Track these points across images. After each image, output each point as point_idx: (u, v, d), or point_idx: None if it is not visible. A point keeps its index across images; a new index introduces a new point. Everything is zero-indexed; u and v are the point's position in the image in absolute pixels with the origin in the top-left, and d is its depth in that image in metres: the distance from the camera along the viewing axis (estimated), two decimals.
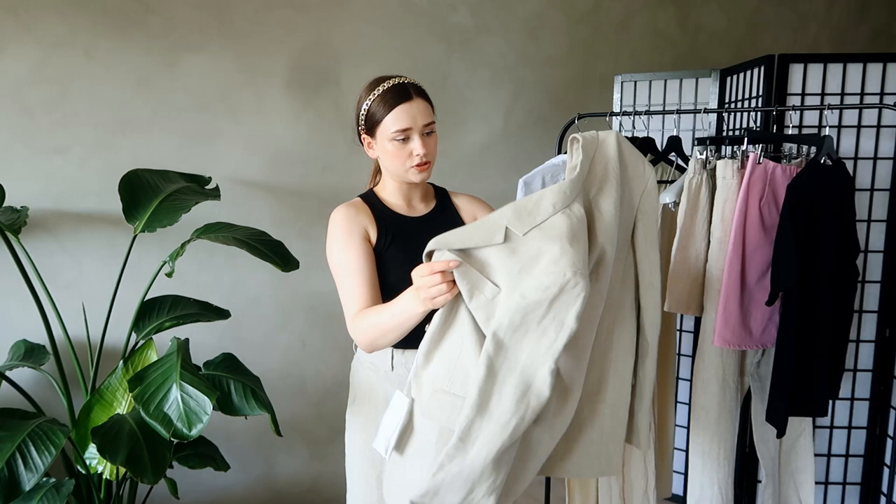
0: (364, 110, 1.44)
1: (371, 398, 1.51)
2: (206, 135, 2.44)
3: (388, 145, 1.42)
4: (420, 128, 1.41)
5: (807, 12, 2.84)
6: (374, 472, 1.49)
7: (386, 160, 1.46)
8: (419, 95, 1.43)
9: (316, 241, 2.55)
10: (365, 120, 1.45)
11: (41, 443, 1.56)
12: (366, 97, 1.44)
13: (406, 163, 1.43)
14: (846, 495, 2.29)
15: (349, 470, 1.55)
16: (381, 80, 1.44)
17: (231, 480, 2.59)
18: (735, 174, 1.72)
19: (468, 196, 1.61)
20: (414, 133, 1.41)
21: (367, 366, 1.52)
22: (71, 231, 2.37)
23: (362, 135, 1.48)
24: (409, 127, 1.40)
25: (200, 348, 2.13)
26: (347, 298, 1.42)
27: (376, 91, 1.42)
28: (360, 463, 1.51)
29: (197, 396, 1.57)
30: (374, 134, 1.44)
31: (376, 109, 1.42)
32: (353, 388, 1.56)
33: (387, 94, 1.41)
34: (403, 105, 1.40)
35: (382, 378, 1.49)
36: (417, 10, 2.54)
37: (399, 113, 1.39)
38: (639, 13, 2.71)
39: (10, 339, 2.28)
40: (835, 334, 1.72)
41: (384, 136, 1.42)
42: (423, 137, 1.42)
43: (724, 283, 1.69)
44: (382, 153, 1.45)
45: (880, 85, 2.11)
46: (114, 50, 2.32)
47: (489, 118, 2.64)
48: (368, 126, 1.45)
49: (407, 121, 1.40)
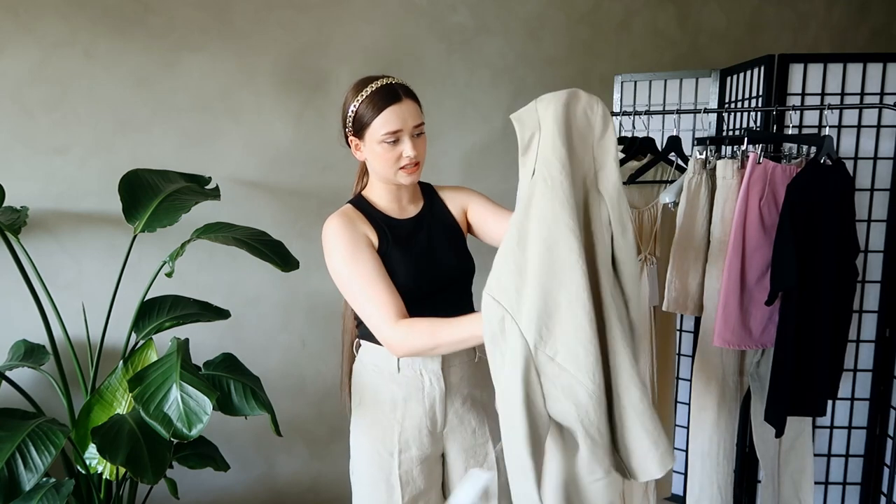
0: (351, 112, 1.41)
1: (377, 400, 1.49)
2: (206, 135, 2.43)
3: (378, 148, 1.39)
4: (410, 129, 1.39)
5: (807, 12, 2.84)
6: (381, 474, 1.47)
7: (375, 163, 1.43)
8: (408, 96, 1.40)
9: (316, 241, 2.52)
10: (353, 122, 1.42)
11: (41, 443, 1.56)
12: (353, 99, 1.41)
13: (395, 165, 1.41)
14: (846, 495, 2.29)
15: (356, 473, 1.53)
16: (369, 81, 1.41)
17: (231, 480, 2.59)
18: (735, 174, 1.72)
19: (452, 188, 1.60)
20: (404, 135, 1.39)
21: (370, 368, 1.51)
22: (71, 231, 2.37)
23: (349, 136, 1.46)
24: (399, 129, 1.38)
25: (200, 348, 2.13)
26: (375, 306, 1.37)
27: (364, 93, 1.39)
28: (368, 466, 1.49)
29: (197, 396, 1.57)
30: (362, 136, 1.42)
31: (364, 112, 1.39)
32: (358, 392, 1.54)
33: (375, 95, 1.38)
34: (393, 107, 1.37)
35: (388, 380, 1.48)
36: (417, 10, 2.54)
37: (388, 115, 1.37)
38: (639, 13, 2.71)
39: (10, 339, 2.28)
40: (834, 334, 1.72)
41: (373, 139, 1.39)
42: (413, 139, 1.40)
43: (724, 283, 1.69)
44: (371, 155, 1.43)
45: (880, 85, 2.11)
46: (114, 50, 2.32)
47: (489, 118, 2.64)
48: (356, 128, 1.42)
49: (397, 123, 1.37)
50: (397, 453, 1.47)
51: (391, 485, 1.47)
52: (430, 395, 1.48)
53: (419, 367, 1.47)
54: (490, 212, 1.56)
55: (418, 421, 1.48)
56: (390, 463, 1.47)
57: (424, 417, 1.48)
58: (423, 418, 1.48)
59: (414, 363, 1.46)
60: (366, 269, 1.39)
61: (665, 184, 1.94)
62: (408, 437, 1.47)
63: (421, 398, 1.47)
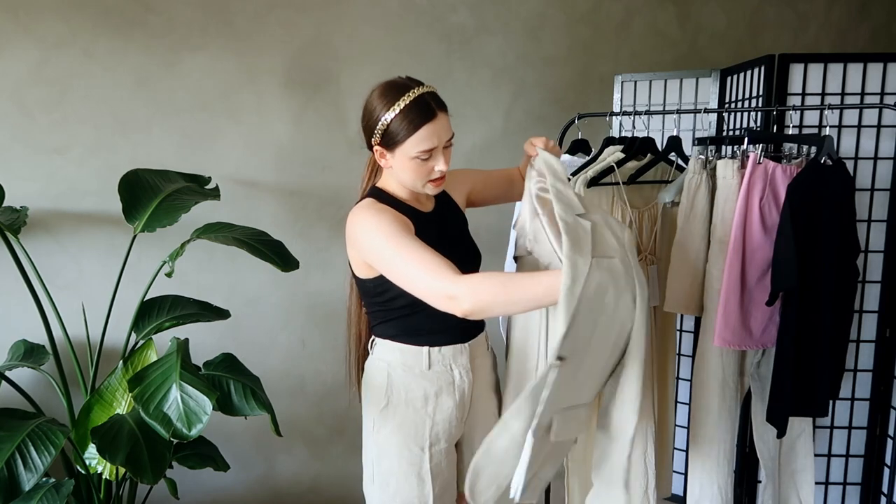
0: (382, 125, 1.37)
1: (407, 399, 1.49)
2: (206, 135, 2.43)
3: (410, 163, 1.38)
4: (443, 144, 1.39)
5: (807, 12, 2.84)
6: (412, 469, 1.49)
7: (403, 174, 1.42)
8: (441, 109, 1.38)
9: (316, 241, 2.55)
10: (383, 135, 1.38)
11: (41, 443, 1.56)
12: (383, 110, 1.37)
13: (425, 178, 1.41)
14: (846, 495, 2.29)
15: (382, 471, 1.52)
16: (400, 92, 1.36)
17: (231, 480, 2.59)
18: (735, 174, 1.71)
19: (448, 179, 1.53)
20: (437, 151, 1.38)
21: (398, 367, 1.50)
22: (71, 231, 2.37)
23: (375, 145, 1.42)
24: (435, 146, 1.37)
25: (200, 348, 2.13)
26: (430, 271, 1.28)
27: (397, 106, 1.35)
28: (398, 463, 1.50)
29: (197, 396, 1.57)
30: (392, 149, 1.39)
31: (398, 128, 1.35)
32: (383, 391, 1.51)
33: (410, 112, 1.35)
34: (428, 125, 1.35)
35: (419, 377, 1.49)
36: (417, 10, 2.54)
37: (424, 134, 1.35)
38: (639, 13, 2.70)
39: (10, 339, 2.28)
40: (835, 334, 1.72)
41: (405, 155, 1.37)
42: (444, 152, 1.39)
43: (724, 283, 1.69)
44: (400, 168, 1.41)
45: (880, 85, 2.10)
46: (114, 50, 2.32)
47: (489, 118, 2.64)
48: (387, 142, 1.39)
49: (433, 141, 1.36)
50: (428, 447, 1.49)
51: (422, 478, 1.49)
52: (461, 388, 1.52)
53: (449, 362, 1.50)
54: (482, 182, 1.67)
55: (449, 413, 1.51)
56: (421, 457, 1.49)
57: (455, 409, 1.52)
58: (454, 410, 1.51)
59: (445, 360, 1.49)
60: (411, 242, 1.33)
61: (665, 184, 1.94)
62: (438, 431, 1.50)
63: (451, 391, 1.51)
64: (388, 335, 1.52)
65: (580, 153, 2.12)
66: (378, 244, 1.36)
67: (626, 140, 1.93)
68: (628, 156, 1.89)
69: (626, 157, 1.89)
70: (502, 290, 1.24)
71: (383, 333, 1.53)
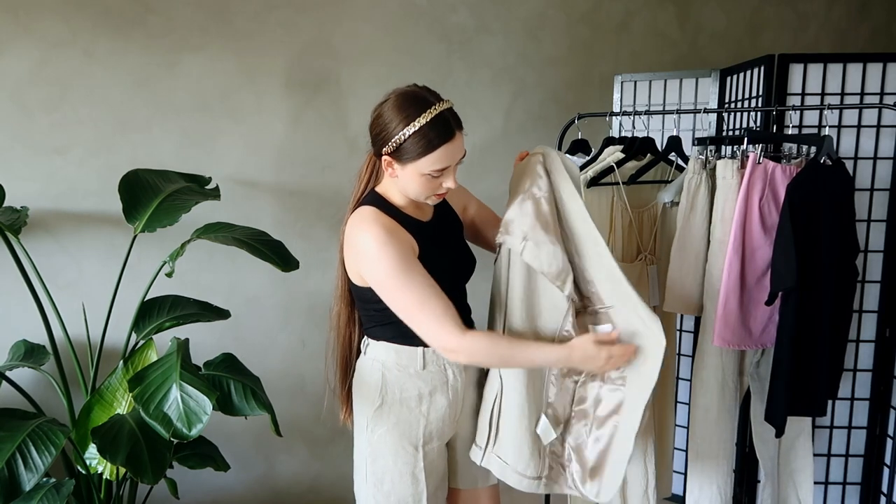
0: (397, 139, 1.33)
1: (402, 398, 1.51)
2: (206, 135, 2.43)
3: (420, 178, 1.37)
4: (456, 162, 1.38)
5: (807, 12, 2.84)
6: (407, 468, 1.51)
7: (409, 186, 1.40)
8: (458, 129, 1.36)
9: (316, 241, 2.55)
10: (396, 149, 1.35)
11: (41, 443, 1.57)
12: (400, 123, 1.33)
13: (432, 192, 1.40)
14: (846, 495, 2.29)
15: (376, 471, 1.52)
16: (420, 108, 1.32)
17: (231, 480, 2.59)
18: (735, 174, 1.71)
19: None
20: (450, 169, 1.37)
21: (392, 368, 1.51)
22: (71, 231, 2.37)
23: (385, 155, 1.38)
24: (448, 166, 1.36)
25: (200, 348, 2.13)
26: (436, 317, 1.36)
27: (417, 123, 1.31)
28: (394, 461, 1.51)
29: (197, 396, 1.57)
30: (403, 163, 1.36)
31: (415, 146, 1.32)
32: (378, 390, 1.52)
33: (430, 130, 1.32)
34: (446, 146, 1.33)
35: (413, 377, 1.51)
36: (417, 10, 2.54)
37: (441, 154, 1.33)
38: (639, 13, 2.70)
39: (10, 339, 2.28)
40: (834, 334, 1.72)
41: (417, 171, 1.36)
42: (454, 169, 1.39)
43: (724, 282, 1.69)
44: (407, 180, 1.39)
45: (880, 85, 2.10)
46: (114, 50, 2.32)
47: (489, 118, 2.64)
48: (400, 156, 1.36)
49: (447, 161, 1.35)
50: (422, 446, 1.51)
51: (416, 477, 1.50)
52: (454, 386, 1.53)
53: (443, 362, 1.51)
54: (491, 220, 1.64)
55: (442, 412, 1.52)
56: (415, 456, 1.50)
57: (448, 407, 1.53)
58: (447, 408, 1.53)
59: (439, 360, 1.50)
60: (418, 281, 1.36)
61: (665, 184, 1.94)
62: (432, 430, 1.52)
63: (445, 390, 1.52)
64: (384, 337, 1.52)
65: (580, 153, 2.12)
66: (381, 275, 1.39)
67: (625, 140, 1.93)
68: (628, 156, 1.89)
69: (626, 158, 1.89)
70: (500, 359, 1.44)
71: (378, 336, 1.53)
